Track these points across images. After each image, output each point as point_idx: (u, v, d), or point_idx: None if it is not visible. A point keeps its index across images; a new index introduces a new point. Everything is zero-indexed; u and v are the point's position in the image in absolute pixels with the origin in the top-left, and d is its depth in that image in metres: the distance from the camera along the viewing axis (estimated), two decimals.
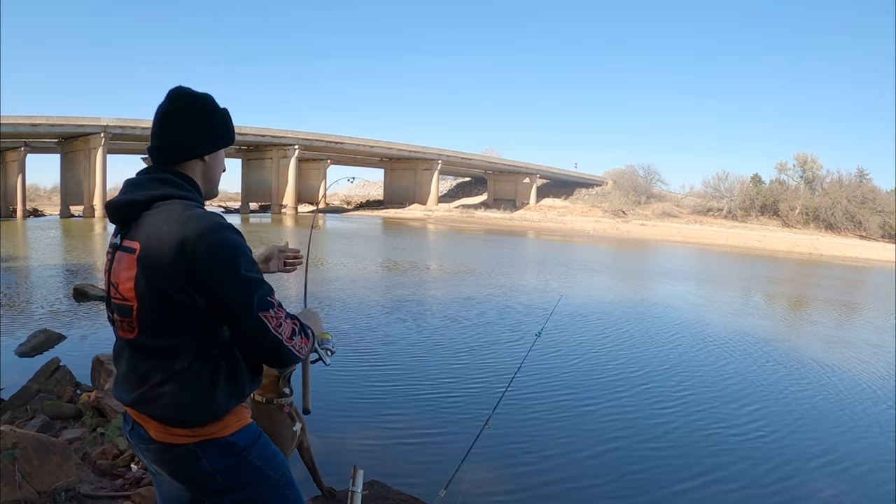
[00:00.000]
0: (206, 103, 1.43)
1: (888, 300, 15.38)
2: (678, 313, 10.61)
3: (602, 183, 66.50)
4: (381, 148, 53.93)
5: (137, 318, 1.30)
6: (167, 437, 1.32)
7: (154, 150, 1.41)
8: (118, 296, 1.33)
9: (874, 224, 50.12)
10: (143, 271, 1.27)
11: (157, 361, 1.30)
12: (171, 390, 1.29)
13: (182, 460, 1.33)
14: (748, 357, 7.49)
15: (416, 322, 8.61)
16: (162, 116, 1.40)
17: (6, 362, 5.72)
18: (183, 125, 1.39)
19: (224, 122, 1.46)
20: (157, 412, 1.30)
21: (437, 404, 5.15)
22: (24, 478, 2.63)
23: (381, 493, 2.94)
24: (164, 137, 1.40)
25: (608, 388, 5.85)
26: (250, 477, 1.37)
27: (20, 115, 33.60)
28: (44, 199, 62.91)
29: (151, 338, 1.30)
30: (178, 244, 1.23)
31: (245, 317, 1.27)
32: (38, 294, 9.92)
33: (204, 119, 1.42)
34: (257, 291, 1.28)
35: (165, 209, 1.30)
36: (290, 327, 1.34)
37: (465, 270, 15.85)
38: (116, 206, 1.34)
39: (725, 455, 4.36)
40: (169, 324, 1.28)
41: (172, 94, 1.40)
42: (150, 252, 1.26)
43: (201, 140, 1.41)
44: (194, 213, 1.28)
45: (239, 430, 1.37)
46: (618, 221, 50.93)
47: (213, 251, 1.24)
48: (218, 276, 1.25)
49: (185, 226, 1.25)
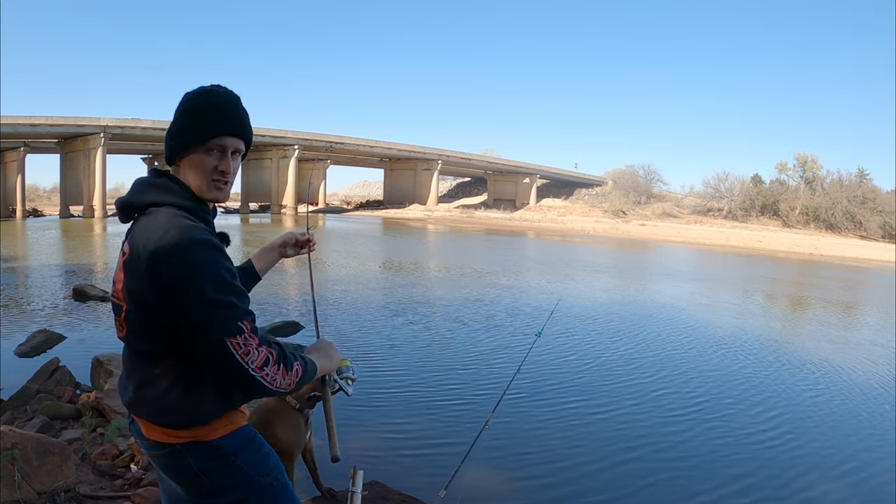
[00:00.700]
0: (183, 100, 1.35)
1: (891, 300, 15.38)
2: (680, 314, 10.61)
3: (602, 183, 66.51)
4: (381, 148, 53.92)
5: (125, 318, 1.32)
6: (156, 436, 1.34)
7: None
8: (114, 295, 1.37)
9: (874, 224, 50.12)
10: (128, 276, 1.29)
11: (142, 364, 1.32)
12: (154, 394, 1.30)
13: (170, 458, 1.35)
14: (762, 360, 7.44)
15: (415, 322, 8.61)
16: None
17: (6, 362, 5.71)
18: (172, 124, 1.37)
19: (200, 115, 1.33)
20: (144, 413, 1.34)
21: (437, 405, 5.15)
22: (23, 478, 2.63)
23: (381, 494, 2.94)
24: (166, 136, 1.40)
25: (608, 389, 5.85)
26: (237, 481, 1.36)
27: (19, 115, 33.57)
28: (43, 199, 62.86)
29: (137, 340, 1.32)
30: (151, 255, 1.22)
31: (205, 339, 1.21)
32: (37, 294, 9.92)
33: (182, 116, 1.35)
34: (222, 313, 1.21)
35: (151, 217, 1.29)
36: (264, 356, 1.24)
37: (465, 271, 15.85)
38: (118, 207, 1.37)
39: (740, 461, 4.33)
40: (149, 328, 1.28)
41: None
42: (133, 259, 1.27)
43: (179, 137, 1.35)
44: (174, 225, 1.25)
45: (228, 433, 1.36)
46: (618, 222, 50.94)
47: (180, 268, 1.21)
48: (180, 293, 1.20)
49: (161, 238, 1.23)
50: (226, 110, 1.35)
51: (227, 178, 1.37)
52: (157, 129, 39.23)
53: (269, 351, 1.26)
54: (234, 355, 1.21)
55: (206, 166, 1.34)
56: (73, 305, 8.91)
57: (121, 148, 44.97)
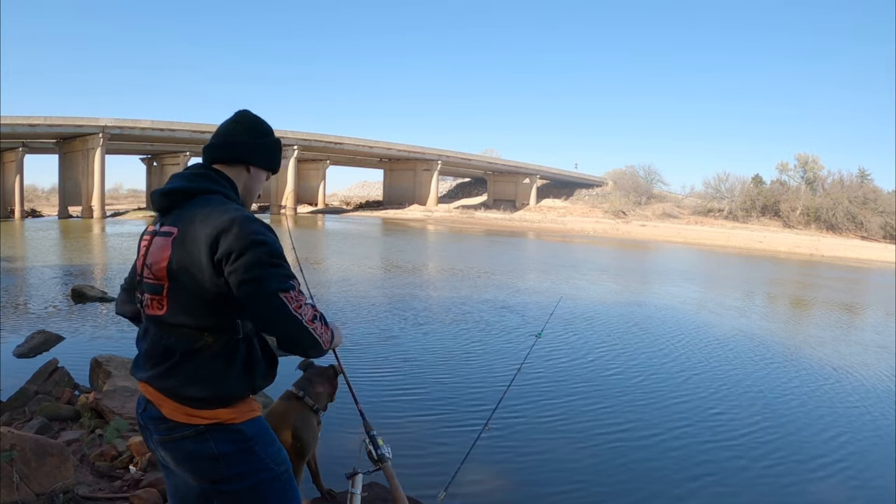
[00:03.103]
0: (268, 129, 1.62)
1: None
2: (680, 314, 10.61)
3: (602, 183, 66.49)
4: (381, 148, 53.89)
5: (168, 295, 1.39)
6: (180, 416, 1.39)
7: (210, 147, 1.56)
8: (150, 276, 1.43)
9: (875, 225, 50.09)
10: (177, 252, 1.37)
11: (180, 338, 1.39)
12: (189, 367, 1.38)
13: (190, 441, 1.39)
14: (771, 362, 7.43)
15: (414, 323, 8.60)
16: (230, 122, 1.57)
17: (4, 363, 5.70)
18: (244, 132, 1.55)
19: (277, 149, 1.63)
20: (173, 387, 1.39)
21: (437, 405, 5.14)
22: (21, 479, 2.61)
23: (381, 496, 2.93)
24: (224, 137, 1.55)
25: (609, 389, 5.84)
26: (254, 467, 1.42)
27: (18, 116, 33.50)
28: (42, 199, 62.83)
29: (179, 315, 1.39)
30: (212, 230, 1.33)
31: (265, 296, 1.31)
32: (36, 295, 9.91)
33: (265, 136, 1.59)
34: (278, 272, 1.34)
35: (206, 200, 1.42)
36: (312, 312, 1.38)
37: (465, 271, 15.84)
38: (160, 194, 1.47)
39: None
40: (195, 302, 1.37)
41: (244, 111, 1.60)
42: (185, 235, 1.37)
43: (256, 151, 1.56)
44: (232, 207, 1.40)
45: (248, 420, 1.44)
46: (618, 222, 50.92)
47: (242, 237, 1.32)
48: (242, 258, 1.31)
49: (221, 216, 1.35)
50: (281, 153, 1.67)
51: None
52: (156, 129, 39.24)
53: (315, 309, 1.41)
54: (289, 307, 1.33)
55: (260, 188, 1.63)
56: (71, 306, 8.90)
57: (120, 148, 44.90)
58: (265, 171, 1.61)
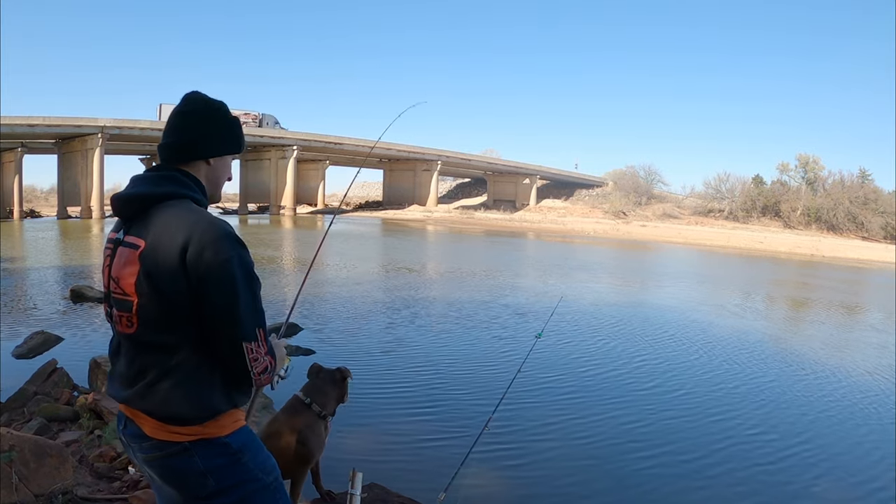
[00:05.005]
0: (219, 109, 1.49)
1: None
2: (680, 315, 10.61)
3: (602, 184, 66.45)
4: (381, 148, 53.82)
5: (137, 313, 1.31)
6: (162, 435, 1.32)
7: (164, 147, 1.45)
8: (119, 291, 1.34)
9: (876, 225, 50.03)
10: (145, 268, 1.29)
11: (155, 356, 1.32)
12: (167, 385, 1.30)
13: (175, 458, 1.33)
14: (768, 364, 7.43)
15: (415, 324, 8.59)
16: (176, 115, 1.45)
17: (3, 364, 5.69)
18: (195, 125, 1.44)
19: (233, 129, 1.51)
20: (153, 408, 1.31)
21: (437, 406, 5.13)
22: (20, 480, 2.61)
23: (380, 497, 2.92)
24: (175, 135, 1.44)
25: (609, 389, 5.83)
26: (242, 478, 1.37)
27: (17, 116, 33.42)
28: (41, 200, 62.80)
29: (150, 333, 1.31)
30: (181, 247, 1.26)
31: (228, 340, 1.30)
32: (35, 295, 9.90)
33: (215, 122, 1.47)
34: (247, 317, 1.31)
35: (172, 208, 1.33)
36: (265, 365, 1.35)
37: (465, 272, 15.84)
38: (122, 200, 1.37)
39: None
40: (168, 320, 1.30)
41: (188, 97, 1.48)
42: (154, 251, 1.28)
43: (210, 141, 1.46)
44: (201, 218, 1.32)
45: (234, 431, 1.38)
46: (618, 222, 50.90)
47: (219, 255, 1.27)
48: (215, 282, 1.27)
49: (190, 229, 1.27)
50: (241, 129, 1.55)
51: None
52: (156, 129, 39.16)
53: (270, 361, 1.37)
54: (245, 358, 1.31)
55: (228, 172, 1.53)
56: (70, 307, 8.89)
57: (119, 148, 44.85)
58: (229, 156, 1.53)
